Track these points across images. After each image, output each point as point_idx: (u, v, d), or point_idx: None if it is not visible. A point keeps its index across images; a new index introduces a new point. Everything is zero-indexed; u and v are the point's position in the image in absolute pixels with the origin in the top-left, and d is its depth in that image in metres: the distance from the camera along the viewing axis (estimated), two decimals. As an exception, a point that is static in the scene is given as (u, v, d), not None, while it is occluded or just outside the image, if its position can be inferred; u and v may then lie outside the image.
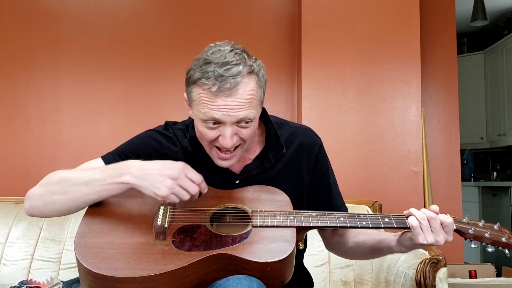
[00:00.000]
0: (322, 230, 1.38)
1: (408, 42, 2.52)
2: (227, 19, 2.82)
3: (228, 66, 1.11)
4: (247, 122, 1.15)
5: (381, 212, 2.24)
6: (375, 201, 2.25)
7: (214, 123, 1.14)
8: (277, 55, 2.78)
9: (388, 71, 2.51)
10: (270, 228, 1.13)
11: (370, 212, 2.15)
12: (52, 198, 1.19)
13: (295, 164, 1.31)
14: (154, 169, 1.12)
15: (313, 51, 2.54)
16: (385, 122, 2.50)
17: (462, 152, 5.16)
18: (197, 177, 1.14)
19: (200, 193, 1.17)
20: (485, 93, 5.52)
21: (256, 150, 1.31)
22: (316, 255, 2.03)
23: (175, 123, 1.36)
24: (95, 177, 1.16)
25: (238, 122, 1.14)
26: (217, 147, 1.19)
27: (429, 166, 2.81)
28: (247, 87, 1.13)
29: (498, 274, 2.88)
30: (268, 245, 1.09)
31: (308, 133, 1.36)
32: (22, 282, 1.95)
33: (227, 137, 1.14)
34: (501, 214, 4.90)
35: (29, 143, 2.69)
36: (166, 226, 1.13)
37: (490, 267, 2.82)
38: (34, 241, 2.15)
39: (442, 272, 1.62)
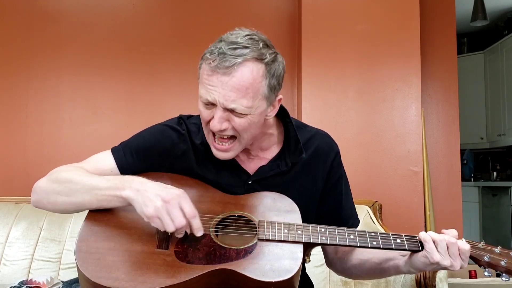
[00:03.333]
0: (325, 246, 1.33)
1: (408, 42, 2.51)
2: (227, 19, 2.82)
3: (235, 46, 1.07)
4: (237, 112, 1.09)
5: (380, 212, 2.24)
6: (375, 201, 2.25)
7: (207, 104, 1.11)
8: (277, 55, 2.77)
9: (388, 71, 2.51)
10: (276, 243, 1.07)
11: (370, 212, 2.15)
12: (56, 199, 1.17)
13: (310, 169, 1.27)
14: (153, 188, 1.06)
15: (313, 51, 2.54)
16: (385, 122, 2.50)
17: (462, 152, 5.16)
18: (191, 210, 1.04)
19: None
20: (485, 93, 5.52)
21: (273, 151, 1.26)
22: (316, 255, 2.01)
23: (190, 116, 1.31)
24: (98, 185, 1.12)
25: (229, 110, 1.09)
26: (213, 135, 1.15)
27: (429, 166, 2.81)
28: (247, 72, 1.07)
29: (498, 274, 2.88)
30: (273, 263, 1.04)
31: (326, 138, 1.32)
32: (22, 282, 1.95)
33: (215, 119, 1.09)
34: (501, 214, 4.90)
35: (29, 143, 2.69)
36: (169, 233, 1.08)
37: (490, 267, 2.81)
38: (34, 241, 2.15)
39: (442, 272, 1.62)
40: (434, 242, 1.07)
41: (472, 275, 2.67)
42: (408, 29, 2.52)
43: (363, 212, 2.14)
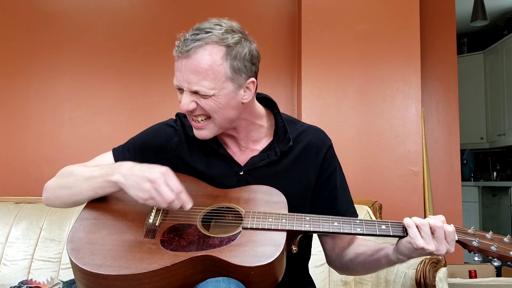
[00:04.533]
0: (323, 243, 1.35)
1: (408, 42, 2.51)
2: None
3: (197, 32, 1.13)
4: (201, 94, 1.14)
5: (380, 212, 2.24)
6: (375, 201, 2.25)
7: (179, 89, 1.17)
8: (277, 55, 2.78)
9: (388, 71, 2.51)
10: (260, 231, 1.10)
11: (370, 212, 2.15)
12: (60, 192, 1.24)
13: (302, 162, 1.28)
14: (139, 170, 1.11)
15: (313, 51, 2.54)
16: (385, 122, 2.50)
17: (462, 152, 5.16)
18: (176, 185, 1.10)
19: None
20: (485, 93, 5.52)
21: (263, 142, 1.29)
22: (316, 255, 2.02)
23: None
24: (93, 174, 1.18)
25: (195, 93, 1.14)
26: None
27: (429, 166, 2.81)
28: (205, 55, 1.12)
29: (498, 274, 2.87)
30: (254, 249, 1.06)
31: (319, 133, 1.34)
32: (22, 282, 1.95)
33: (182, 101, 1.16)
34: (501, 214, 4.90)
35: (29, 143, 2.69)
36: (157, 224, 1.13)
37: (490, 267, 2.81)
38: (34, 241, 2.15)
39: (442, 272, 1.62)
40: (417, 227, 1.08)
41: (472, 275, 2.67)
42: (408, 29, 2.52)
43: (363, 212, 2.14)
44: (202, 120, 1.19)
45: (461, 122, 3.15)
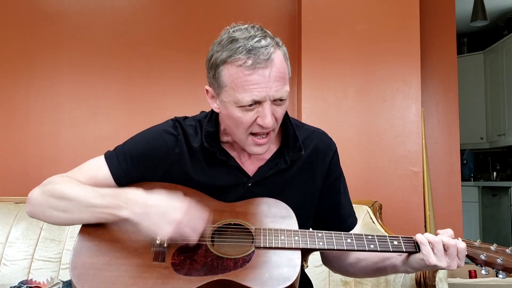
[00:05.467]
0: None
1: (408, 42, 2.51)
2: (227, 19, 2.80)
3: (257, 38, 1.06)
4: (281, 100, 1.09)
5: (380, 212, 2.24)
6: (375, 201, 2.25)
7: (251, 105, 1.07)
8: (277, 55, 2.77)
9: (388, 71, 2.51)
10: (274, 250, 1.06)
11: (370, 212, 2.15)
12: (52, 213, 1.15)
13: (309, 168, 1.26)
14: (156, 208, 1.04)
15: (313, 51, 2.54)
16: (385, 122, 2.50)
17: (462, 152, 5.16)
18: (198, 225, 1.06)
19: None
20: (485, 93, 5.52)
21: (271, 150, 1.24)
22: (316, 255, 2.02)
23: (185, 118, 1.29)
24: (94, 202, 1.10)
25: (275, 100, 1.08)
26: (252, 134, 1.12)
27: (429, 166, 2.81)
28: (280, 59, 1.08)
29: (496, 272, 2.87)
30: (271, 271, 1.03)
31: (324, 137, 1.32)
32: (22, 282, 1.95)
33: (268, 116, 1.07)
34: (501, 214, 4.90)
35: (29, 143, 2.69)
36: (165, 245, 1.06)
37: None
38: (34, 241, 2.15)
39: (442, 272, 1.61)
40: (430, 244, 1.08)
41: (472, 275, 2.67)
42: (408, 29, 2.52)
43: (363, 212, 2.14)
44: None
45: (461, 122, 3.15)
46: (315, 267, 2.00)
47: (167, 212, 1.04)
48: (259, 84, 1.05)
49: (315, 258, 2.01)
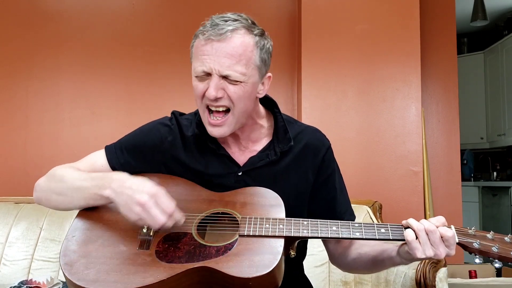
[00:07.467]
0: (326, 242, 1.33)
1: (408, 42, 2.51)
2: (227, 19, 2.81)
3: (226, 18, 1.15)
4: (233, 79, 1.12)
5: (380, 212, 2.24)
6: (375, 201, 2.25)
7: (203, 76, 1.13)
8: (277, 55, 2.76)
9: (388, 71, 2.51)
10: (257, 238, 1.06)
11: (370, 212, 2.15)
12: (52, 196, 1.23)
13: (300, 162, 1.27)
14: (129, 189, 1.08)
15: (313, 51, 2.54)
16: (385, 122, 2.50)
17: (462, 152, 5.16)
18: (168, 206, 1.07)
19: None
20: (485, 93, 5.53)
21: (263, 142, 1.28)
22: (316, 255, 2.03)
23: (183, 114, 1.34)
24: (84, 184, 1.17)
25: (225, 77, 1.12)
26: (209, 111, 1.17)
27: (429, 166, 2.81)
28: (240, 39, 1.12)
29: (498, 274, 2.88)
30: (251, 258, 1.03)
31: (317, 134, 1.33)
32: (22, 282, 1.95)
33: (211, 87, 1.11)
34: (501, 214, 4.90)
35: (29, 143, 2.69)
36: (151, 234, 1.09)
37: (490, 267, 2.81)
38: (34, 241, 2.15)
39: (442, 272, 1.62)
40: (415, 233, 1.05)
41: (472, 275, 2.67)
42: (408, 29, 2.52)
43: (363, 212, 2.14)
44: (221, 115, 1.16)
45: (461, 122, 3.15)
46: (315, 267, 2.00)
47: (135, 193, 1.07)
48: (208, 56, 1.11)
49: (315, 258, 2.02)
